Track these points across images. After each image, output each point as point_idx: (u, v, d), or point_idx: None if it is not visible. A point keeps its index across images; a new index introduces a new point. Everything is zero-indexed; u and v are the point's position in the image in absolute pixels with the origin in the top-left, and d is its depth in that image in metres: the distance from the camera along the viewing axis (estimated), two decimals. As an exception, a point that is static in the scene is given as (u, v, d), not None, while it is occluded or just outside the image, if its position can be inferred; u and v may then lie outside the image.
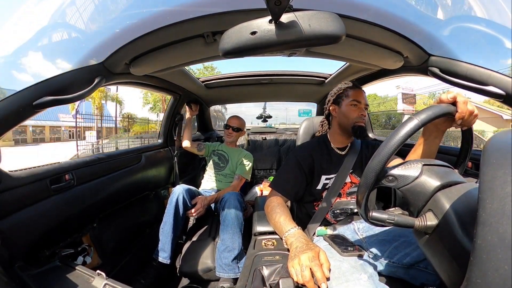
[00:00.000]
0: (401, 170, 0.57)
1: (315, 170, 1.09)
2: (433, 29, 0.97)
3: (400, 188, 0.57)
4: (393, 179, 0.57)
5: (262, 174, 2.67)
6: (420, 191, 0.54)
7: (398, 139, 0.53)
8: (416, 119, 0.54)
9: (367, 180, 0.56)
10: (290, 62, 55.57)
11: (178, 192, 1.48)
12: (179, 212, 1.45)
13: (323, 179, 1.09)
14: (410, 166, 0.57)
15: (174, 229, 1.41)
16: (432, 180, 0.54)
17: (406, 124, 0.54)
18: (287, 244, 0.82)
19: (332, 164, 1.11)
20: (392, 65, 1.19)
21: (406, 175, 0.56)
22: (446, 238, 0.48)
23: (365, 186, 0.57)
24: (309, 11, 0.62)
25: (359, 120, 1.07)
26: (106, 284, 0.80)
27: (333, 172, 1.10)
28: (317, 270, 0.65)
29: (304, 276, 0.64)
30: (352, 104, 1.08)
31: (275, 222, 0.92)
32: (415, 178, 0.55)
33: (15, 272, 0.80)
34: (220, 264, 1.28)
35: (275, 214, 0.94)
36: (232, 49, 0.66)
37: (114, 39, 0.94)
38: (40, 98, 0.80)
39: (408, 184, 0.56)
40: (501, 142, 0.38)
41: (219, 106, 4.52)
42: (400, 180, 0.56)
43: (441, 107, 0.58)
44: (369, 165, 0.56)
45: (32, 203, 0.93)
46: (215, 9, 0.84)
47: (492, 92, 0.81)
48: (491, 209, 0.32)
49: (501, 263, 0.29)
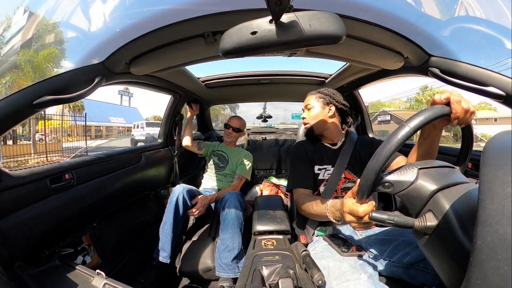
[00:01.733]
0: (396, 176, 0.57)
1: (309, 159, 1.16)
2: (433, 29, 0.97)
3: (397, 193, 0.57)
4: (389, 185, 0.57)
5: (262, 174, 2.67)
6: (417, 196, 0.54)
7: (390, 148, 0.53)
8: (407, 127, 0.53)
9: (363, 188, 0.57)
10: (290, 62, 55.53)
11: (178, 192, 1.48)
12: (179, 211, 1.45)
13: (316, 169, 1.15)
14: (405, 171, 0.57)
15: (174, 228, 1.41)
16: (428, 184, 0.53)
17: (397, 132, 0.54)
18: (336, 219, 0.79)
19: (323, 157, 1.16)
20: (392, 66, 1.19)
21: (401, 181, 0.56)
22: (446, 239, 0.48)
23: (361, 193, 0.58)
24: (309, 11, 0.62)
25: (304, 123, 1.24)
26: (106, 284, 0.79)
27: (325, 163, 1.15)
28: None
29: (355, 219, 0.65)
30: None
31: (314, 213, 0.92)
32: (411, 183, 0.55)
33: (14, 271, 0.80)
34: (220, 264, 1.28)
35: (308, 207, 0.95)
36: (233, 49, 0.66)
37: (114, 39, 0.94)
38: (40, 97, 0.80)
39: (404, 189, 0.56)
40: (501, 143, 0.38)
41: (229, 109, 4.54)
42: (396, 186, 0.57)
43: (434, 110, 0.57)
44: (364, 173, 0.56)
45: (32, 202, 0.93)
46: (216, 9, 0.84)
47: (492, 93, 0.81)
48: (491, 209, 0.32)
49: (501, 263, 0.29)
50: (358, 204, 0.62)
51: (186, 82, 1.83)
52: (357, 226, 0.66)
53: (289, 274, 0.79)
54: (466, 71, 0.88)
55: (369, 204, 0.61)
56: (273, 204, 1.36)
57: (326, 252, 0.90)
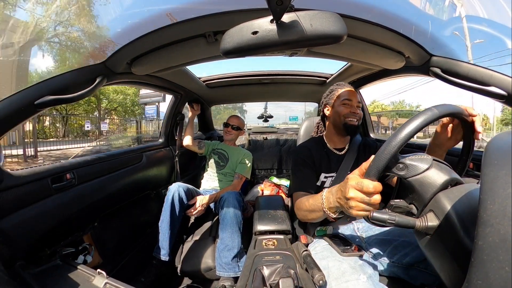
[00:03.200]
0: (412, 159, 0.57)
1: (315, 165, 1.11)
2: (434, 29, 0.96)
3: (409, 177, 0.57)
4: (403, 167, 0.57)
5: (263, 174, 2.67)
6: (430, 183, 0.54)
7: (413, 126, 0.53)
8: (435, 110, 0.55)
9: (378, 164, 0.54)
10: (291, 62, 55.53)
11: (173, 190, 1.49)
12: (175, 209, 1.46)
13: (322, 177, 1.11)
14: (421, 157, 0.57)
15: (171, 226, 1.41)
16: (442, 174, 0.54)
17: (424, 113, 0.55)
18: (331, 209, 0.69)
19: (331, 163, 1.12)
20: (393, 65, 1.19)
21: (417, 165, 0.56)
22: (447, 239, 0.48)
23: (374, 170, 0.54)
24: (310, 11, 0.62)
25: (350, 117, 1.09)
26: (107, 283, 0.80)
27: (332, 171, 1.11)
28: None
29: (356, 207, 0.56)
30: (343, 103, 1.11)
31: (308, 208, 0.84)
32: (425, 169, 0.55)
33: (16, 271, 0.80)
34: (220, 263, 1.29)
35: (304, 204, 0.88)
36: (234, 49, 0.66)
37: (115, 39, 0.94)
38: (42, 97, 0.80)
39: (418, 174, 0.56)
40: (503, 143, 0.38)
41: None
42: (411, 169, 0.56)
43: (461, 109, 0.60)
44: (381, 150, 0.54)
45: (33, 202, 0.94)
46: (217, 9, 0.84)
47: (493, 93, 0.80)
48: (492, 210, 0.32)
49: (502, 264, 0.29)
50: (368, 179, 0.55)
51: (187, 82, 1.83)
52: (357, 207, 0.56)
53: (289, 274, 0.79)
54: (467, 71, 0.87)
55: (380, 184, 0.55)
56: (274, 204, 1.36)
57: (326, 252, 0.90)
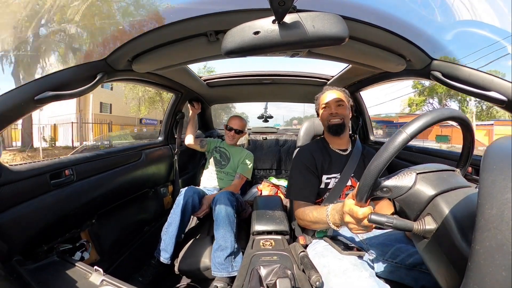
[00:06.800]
0: (394, 181, 0.57)
1: (318, 169, 1.11)
2: (436, 33, 0.97)
3: (395, 198, 0.57)
4: (387, 190, 0.57)
5: (262, 174, 2.67)
6: (415, 201, 0.54)
7: (388, 154, 0.52)
8: (404, 133, 0.52)
9: (362, 190, 0.57)
10: (292, 62, 55.54)
11: (188, 195, 1.47)
12: (186, 214, 1.46)
13: (324, 179, 1.11)
14: (404, 176, 0.57)
15: (178, 230, 1.41)
16: (427, 189, 0.53)
17: (395, 138, 0.52)
18: (336, 224, 0.78)
19: (333, 164, 1.13)
20: (394, 68, 1.19)
21: (399, 186, 0.56)
22: (445, 243, 0.48)
23: (359, 196, 0.58)
24: (312, 12, 0.62)
25: (331, 118, 1.13)
26: (103, 280, 0.80)
27: (334, 172, 1.12)
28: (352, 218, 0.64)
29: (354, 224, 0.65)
30: (323, 108, 1.17)
31: (312, 220, 0.91)
32: (409, 188, 0.55)
33: (12, 266, 0.80)
34: (214, 263, 1.29)
35: (308, 215, 0.94)
36: (235, 49, 0.66)
37: (117, 36, 0.94)
38: (42, 93, 0.80)
39: (402, 194, 0.56)
40: (501, 148, 0.38)
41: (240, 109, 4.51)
42: (394, 191, 0.56)
43: (432, 114, 0.54)
44: (363, 177, 0.56)
45: (31, 197, 0.93)
46: (219, 8, 0.84)
47: (494, 98, 0.80)
48: (490, 214, 0.32)
49: (498, 269, 0.29)
50: (359, 206, 0.62)
51: (188, 80, 1.83)
52: (355, 228, 0.65)
53: (287, 274, 0.79)
54: (468, 75, 0.87)
55: (368, 208, 0.61)
56: (272, 205, 1.36)
57: (326, 251, 0.90)
